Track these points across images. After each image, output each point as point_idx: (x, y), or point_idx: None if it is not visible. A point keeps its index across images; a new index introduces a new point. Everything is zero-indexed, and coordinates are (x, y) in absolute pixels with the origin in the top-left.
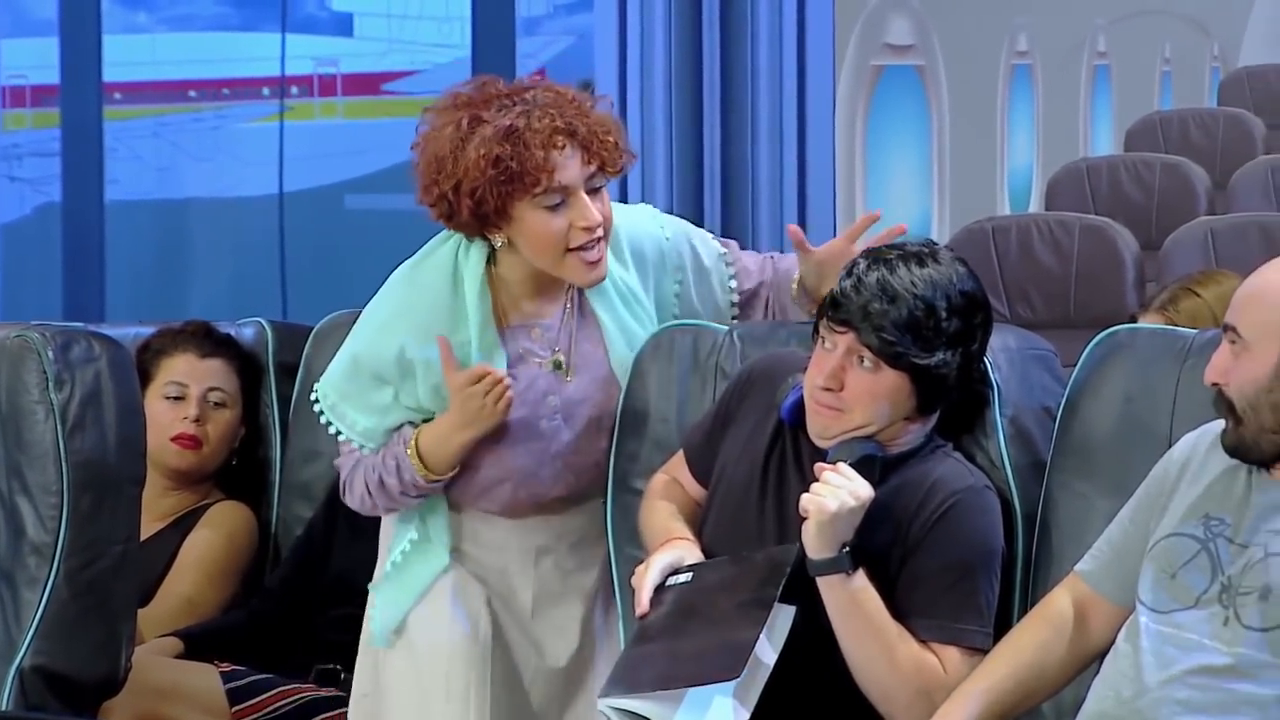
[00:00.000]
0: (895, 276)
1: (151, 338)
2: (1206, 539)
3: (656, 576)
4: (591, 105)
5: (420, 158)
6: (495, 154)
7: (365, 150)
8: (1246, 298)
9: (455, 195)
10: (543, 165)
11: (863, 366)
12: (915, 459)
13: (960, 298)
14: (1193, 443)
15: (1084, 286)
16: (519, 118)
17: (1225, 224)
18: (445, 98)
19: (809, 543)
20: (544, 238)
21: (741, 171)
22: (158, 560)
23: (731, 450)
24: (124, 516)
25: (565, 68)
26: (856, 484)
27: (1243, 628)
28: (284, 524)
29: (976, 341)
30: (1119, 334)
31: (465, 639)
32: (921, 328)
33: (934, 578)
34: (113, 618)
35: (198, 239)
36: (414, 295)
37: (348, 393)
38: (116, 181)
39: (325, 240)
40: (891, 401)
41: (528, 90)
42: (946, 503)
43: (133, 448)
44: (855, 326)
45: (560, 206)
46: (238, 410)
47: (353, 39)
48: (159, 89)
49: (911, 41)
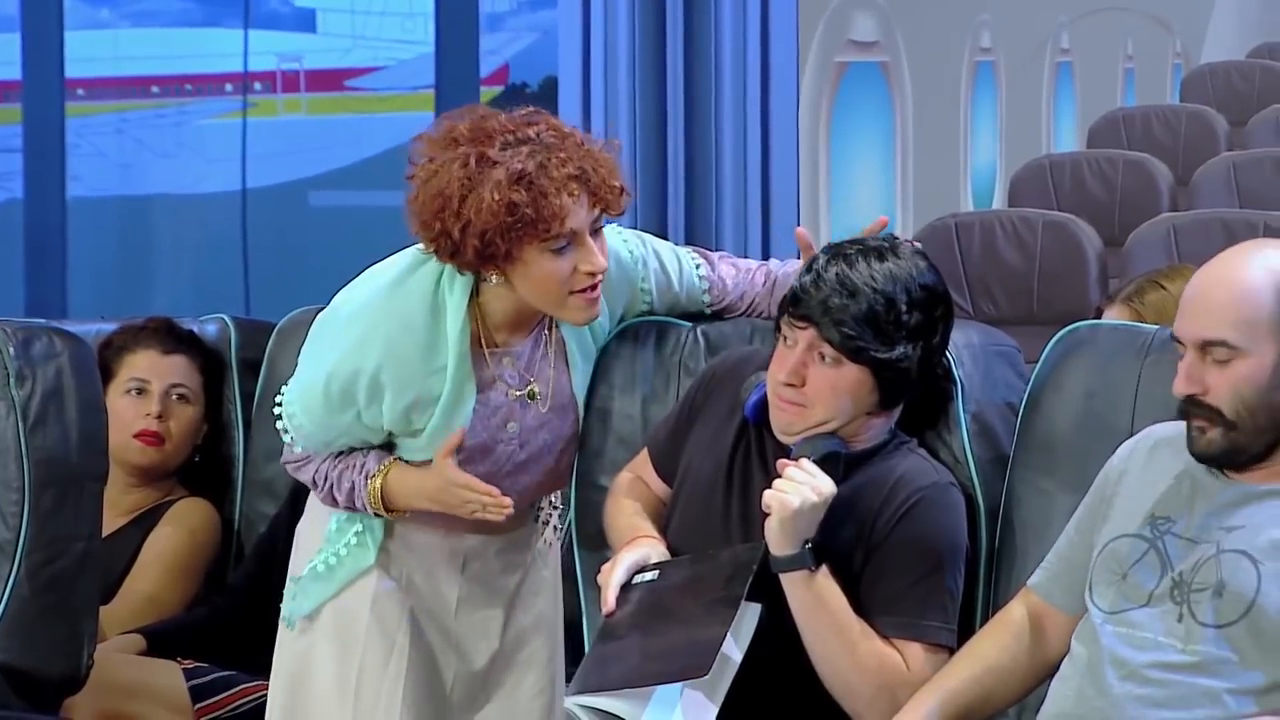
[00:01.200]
0: (855, 271)
1: (114, 334)
2: (1154, 538)
3: (622, 575)
4: (593, 145)
5: (420, 192)
6: (510, 199)
7: (329, 146)
8: (1224, 307)
9: (461, 235)
10: (557, 212)
11: (824, 362)
12: (879, 455)
13: (920, 291)
14: (1131, 449)
15: (1047, 283)
16: (530, 160)
17: (1188, 220)
18: (441, 130)
19: (772, 539)
20: (548, 281)
21: (705, 168)
22: (120, 557)
23: (696, 448)
24: (86, 513)
25: (529, 64)
26: (819, 480)
27: (1198, 624)
28: (247, 521)
29: (938, 334)
30: (1080, 330)
31: (381, 638)
32: (881, 322)
33: (898, 574)
34: (74, 615)
35: (160, 235)
36: (392, 318)
37: (312, 409)
38: (79, 178)
39: (288, 237)
40: (853, 396)
41: (530, 127)
42: (910, 499)
43: (95, 444)
44: (815, 322)
45: (565, 249)
46: (200, 407)
47: (316, 35)
48: (122, 85)
49: (875, 38)
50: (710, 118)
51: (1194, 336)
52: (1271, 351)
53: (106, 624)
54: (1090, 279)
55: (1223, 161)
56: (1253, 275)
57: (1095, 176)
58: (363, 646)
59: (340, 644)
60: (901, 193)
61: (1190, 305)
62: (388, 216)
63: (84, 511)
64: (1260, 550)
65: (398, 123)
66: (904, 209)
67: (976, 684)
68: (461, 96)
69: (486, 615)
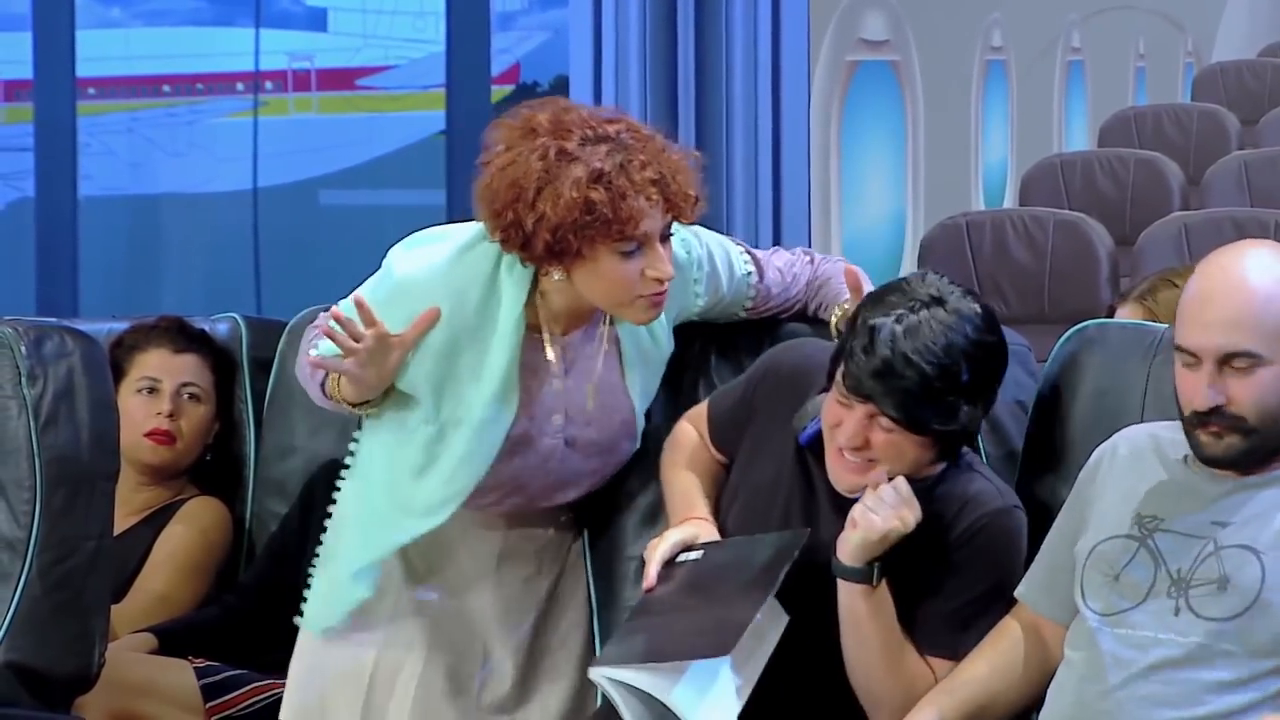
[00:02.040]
0: (907, 339)
1: (125, 333)
2: (1143, 536)
3: (668, 552)
4: (673, 151)
5: (492, 179)
6: (588, 197)
7: (339, 146)
8: (1240, 317)
9: (534, 228)
10: (634, 215)
11: (883, 426)
12: (947, 476)
13: (977, 349)
14: (1110, 451)
15: (1058, 282)
16: (610, 160)
17: (1199, 219)
18: (519, 120)
19: (844, 549)
20: (614, 283)
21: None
22: (131, 556)
23: (758, 444)
24: (97, 512)
25: (540, 63)
26: (911, 509)
27: (1200, 618)
28: (258, 520)
29: (996, 382)
30: (1089, 329)
31: (399, 635)
32: (939, 393)
33: (951, 595)
34: (86, 614)
35: (171, 234)
36: (446, 294)
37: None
38: (90, 177)
39: (299, 236)
40: (914, 453)
41: (610, 124)
42: (978, 523)
43: (106, 443)
44: (872, 399)
45: (635, 253)
46: (212, 405)
47: (327, 34)
48: (133, 84)
49: (886, 37)
50: (721, 117)
51: (1214, 349)
52: None
53: (118, 623)
54: (1101, 278)
55: (1234, 160)
56: (1266, 283)
57: (1106, 175)
58: (379, 646)
59: (355, 644)
60: (912, 191)
61: (1201, 315)
62: (399, 215)
63: (95, 510)
64: (1263, 543)
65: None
66: (915, 208)
67: (982, 687)
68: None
69: (519, 619)
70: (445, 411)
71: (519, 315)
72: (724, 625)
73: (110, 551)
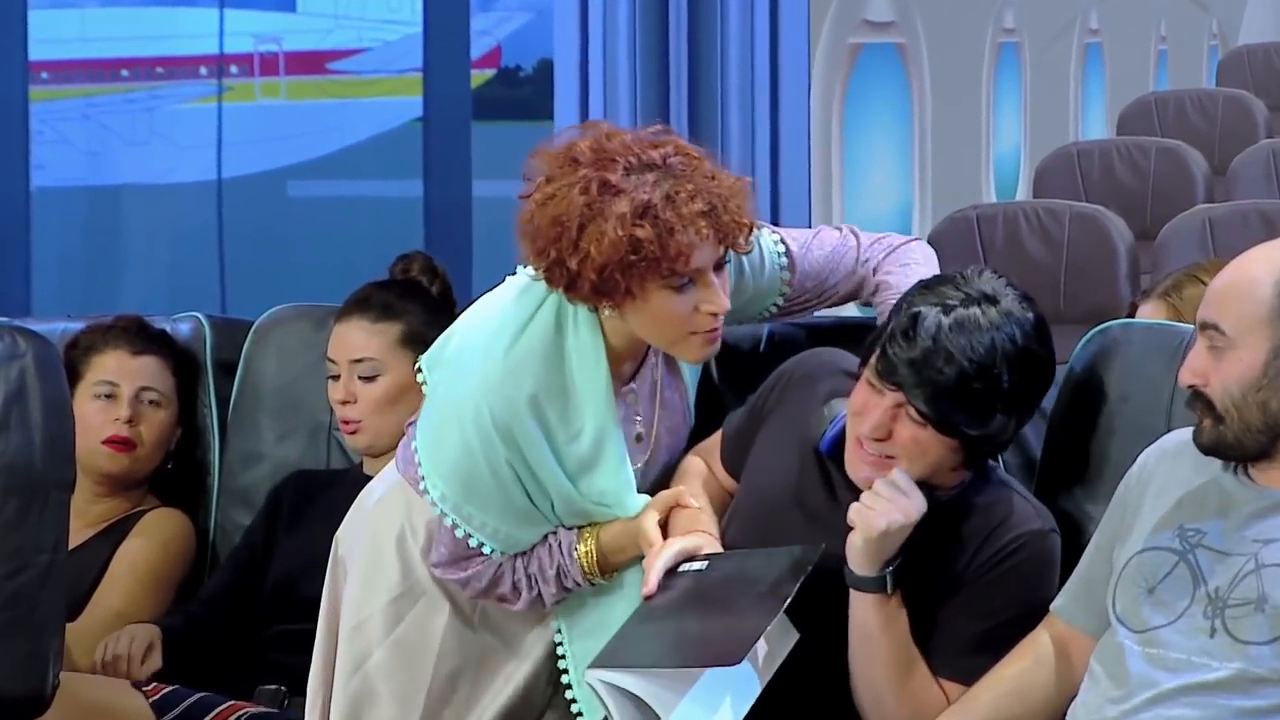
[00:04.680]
0: (950, 333)
1: (81, 334)
2: (1184, 550)
3: (670, 559)
4: (722, 175)
5: (534, 215)
6: (634, 235)
7: (309, 133)
8: (1227, 292)
9: (579, 268)
10: (683, 250)
11: (911, 420)
12: (974, 486)
13: (1022, 355)
14: (1156, 456)
15: (1075, 279)
16: (656, 190)
17: (1225, 212)
18: (560, 147)
19: (852, 556)
20: (667, 320)
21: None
22: (87, 571)
23: (763, 454)
24: (51, 524)
25: (522, 46)
26: (909, 499)
27: (1238, 641)
28: (223, 532)
29: (1037, 397)
30: (1112, 329)
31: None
32: (975, 395)
33: (977, 617)
34: (39, 632)
35: (130, 228)
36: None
37: (489, 503)
38: (43, 167)
39: (267, 229)
40: (940, 455)
41: (656, 149)
42: (1012, 545)
43: (61, 450)
44: (904, 388)
45: (687, 286)
46: (173, 411)
47: (296, 15)
48: (89, 68)
49: (892, 18)
50: (716, 104)
51: (1198, 317)
52: (1262, 348)
53: (73, 642)
54: (1120, 274)
55: (1262, 149)
56: (1258, 268)
57: (1126, 165)
58: (428, 682)
59: (402, 682)
60: (920, 183)
61: (1209, 289)
62: (372, 208)
63: (49, 522)
64: None
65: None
66: (922, 200)
67: (999, 708)
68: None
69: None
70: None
71: (601, 359)
72: (734, 634)
73: (65, 566)
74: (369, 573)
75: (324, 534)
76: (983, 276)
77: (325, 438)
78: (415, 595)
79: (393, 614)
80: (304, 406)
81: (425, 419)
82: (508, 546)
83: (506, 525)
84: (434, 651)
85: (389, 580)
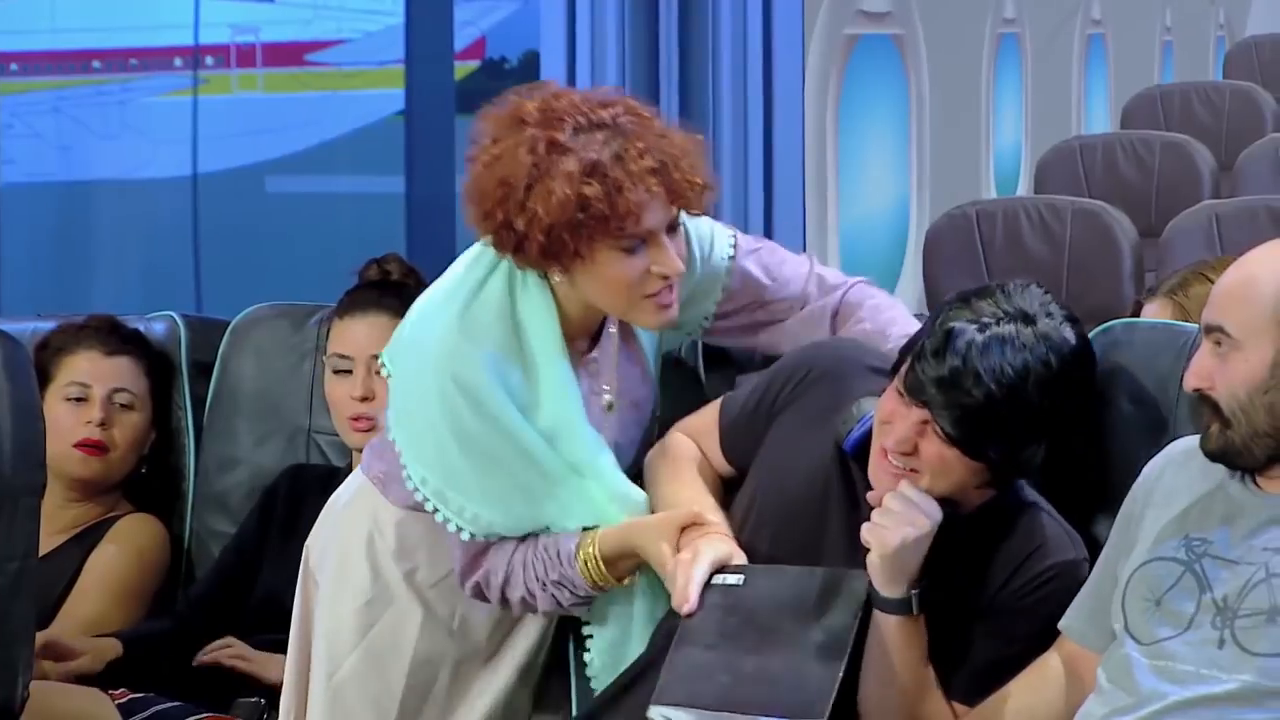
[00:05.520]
0: (983, 356)
1: (51, 334)
2: (1190, 560)
3: (706, 571)
4: (675, 133)
5: (480, 177)
6: (582, 193)
7: (288, 127)
8: (1231, 293)
9: (526, 229)
10: (632, 209)
11: (937, 435)
12: (1005, 505)
13: (1057, 382)
14: (1159, 467)
15: (1077, 277)
16: (605, 149)
17: (1232, 208)
18: (508, 109)
19: (875, 577)
20: (617, 282)
21: None
22: (58, 578)
23: (781, 449)
24: (21, 530)
25: (507, 36)
26: (920, 509)
27: (1248, 653)
28: (198, 538)
29: (1072, 421)
30: (1114, 329)
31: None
32: (1004, 421)
33: (1002, 643)
34: (8, 642)
35: (103, 225)
36: (470, 338)
37: (469, 489)
38: (13, 162)
39: (244, 226)
40: (964, 476)
41: (605, 109)
42: (1047, 575)
43: (30, 455)
44: (930, 406)
45: (638, 249)
46: (147, 413)
47: (273, 4)
48: (59, 59)
49: (888, 9)
50: (708, 97)
51: (1202, 320)
52: (1268, 350)
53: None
54: (1124, 272)
55: (1269, 143)
56: (1263, 268)
57: (1130, 160)
58: (401, 690)
59: (374, 690)
60: (917, 178)
61: (1213, 290)
62: (353, 204)
63: (18, 529)
64: None
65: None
66: (920, 196)
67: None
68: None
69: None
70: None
71: (554, 324)
72: (807, 684)
73: (35, 574)
74: (338, 577)
75: None
76: (1027, 292)
77: (304, 441)
78: (385, 601)
79: (363, 619)
80: (282, 409)
81: (393, 405)
82: (487, 533)
83: (486, 509)
84: (407, 659)
85: (358, 584)
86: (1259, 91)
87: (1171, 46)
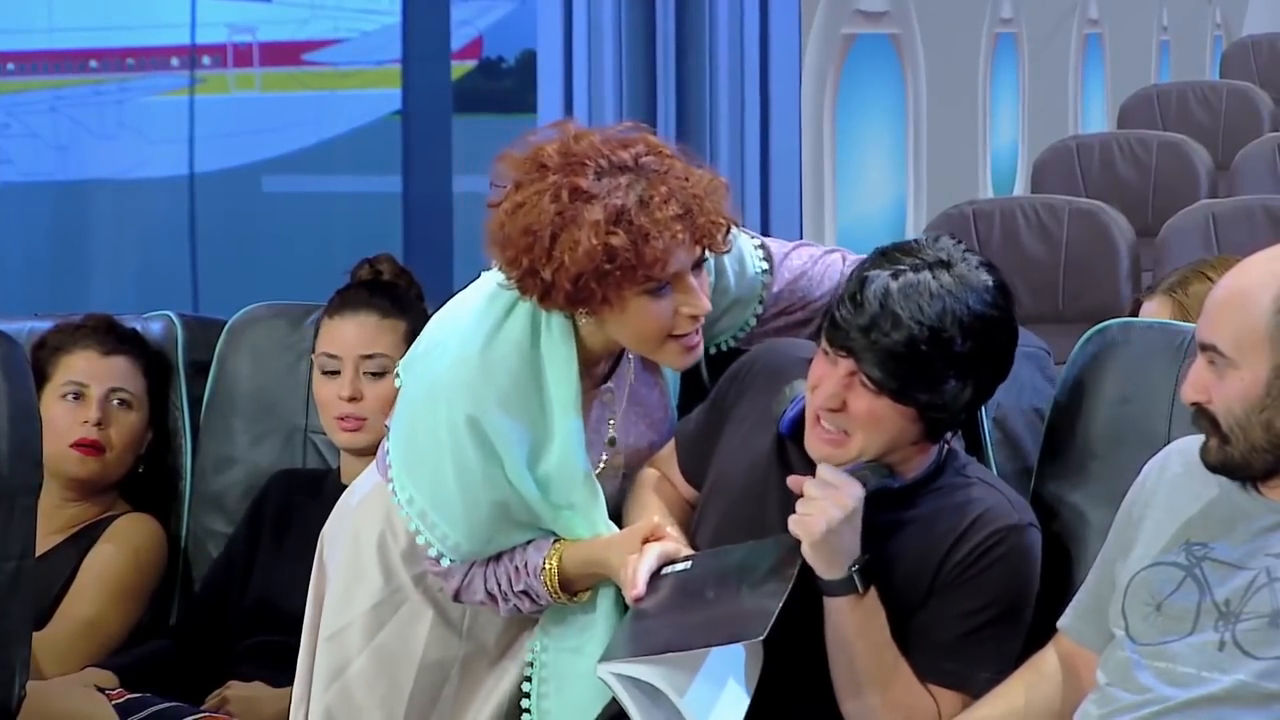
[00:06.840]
0: (900, 297)
1: (48, 333)
2: (1190, 565)
3: (653, 562)
4: (696, 172)
5: (504, 225)
6: (609, 243)
7: (284, 127)
8: (1222, 309)
9: (553, 277)
10: (659, 256)
11: (865, 389)
12: (945, 481)
13: (976, 319)
14: (1158, 469)
15: (1074, 277)
16: (629, 194)
17: (1228, 208)
18: (527, 154)
19: (814, 565)
20: (645, 325)
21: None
22: (55, 578)
23: (727, 455)
24: (18, 530)
25: (504, 36)
26: (840, 490)
27: (1249, 655)
28: (194, 538)
29: (995, 365)
30: (1111, 329)
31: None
32: (926, 359)
33: (960, 619)
34: (5, 642)
35: (100, 224)
36: (487, 376)
37: (455, 517)
38: (10, 161)
39: (240, 226)
40: (895, 428)
41: (626, 149)
42: (989, 542)
43: (27, 454)
44: (854, 354)
45: (665, 290)
46: (144, 413)
47: (270, 4)
48: (56, 59)
49: (885, 8)
50: (705, 96)
51: (1196, 336)
52: (1263, 367)
53: (40, 652)
54: (1121, 272)
55: (1266, 143)
56: (1254, 282)
57: (1127, 160)
58: (409, 692)
59: (382, 691)
60: (914, 177)
61: (1205, 304)
62: (349, 203)
63: (15, 529)
64: None
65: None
66: (916, 195)
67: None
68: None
69: None
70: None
71: (574, 366)
72: (750, 613)
73: (32, 574)
74: (349, 577)
75: (306, 546)
76: (939, 243)
77: (301, 441)
78: (397, 602)
79: (373, 620)
80: (279, 409)
81: (398, 419)
82: (463, 559)
83: (467, 539)
84: (416, 660)
85: (370, 585)
86: (1256, 91)
87: (1168, 46)
